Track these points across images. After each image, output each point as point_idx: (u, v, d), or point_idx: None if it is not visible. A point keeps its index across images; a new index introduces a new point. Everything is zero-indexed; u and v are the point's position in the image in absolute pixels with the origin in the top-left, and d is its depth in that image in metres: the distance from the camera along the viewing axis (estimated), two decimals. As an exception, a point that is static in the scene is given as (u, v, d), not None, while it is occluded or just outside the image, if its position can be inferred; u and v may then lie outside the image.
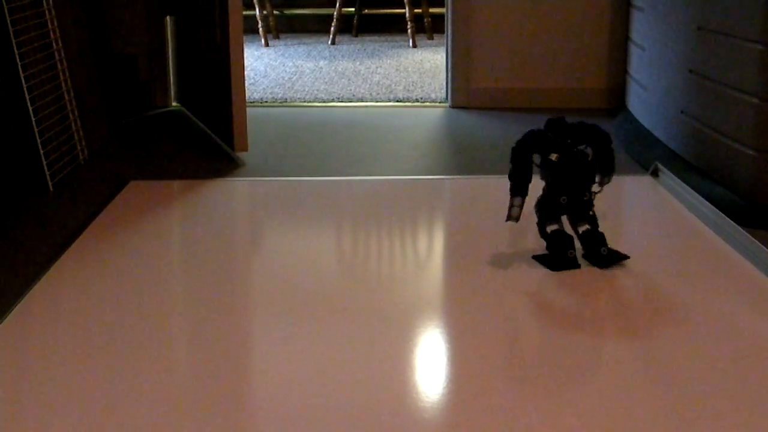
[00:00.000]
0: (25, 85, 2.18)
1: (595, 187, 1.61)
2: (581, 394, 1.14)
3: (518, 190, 1.57)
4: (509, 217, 1.57)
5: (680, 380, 1.18)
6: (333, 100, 3.30)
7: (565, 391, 1.15)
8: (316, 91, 3.44)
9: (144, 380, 1.18)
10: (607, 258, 1.61)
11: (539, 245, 1.69)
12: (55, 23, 2.38)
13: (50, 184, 2.19)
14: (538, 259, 1.62)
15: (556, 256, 1.60)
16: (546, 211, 1.60)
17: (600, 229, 1.62)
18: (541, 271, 1.57)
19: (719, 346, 1.28)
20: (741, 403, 1.12)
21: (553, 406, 1.12)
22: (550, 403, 1.12)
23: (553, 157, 1.56)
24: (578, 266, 1.59)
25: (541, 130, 1.59)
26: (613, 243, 1.77)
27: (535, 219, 1.62)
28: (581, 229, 1.62)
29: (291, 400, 1.14)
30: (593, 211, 1.61)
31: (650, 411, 1.11)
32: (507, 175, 1.59)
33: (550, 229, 1.61)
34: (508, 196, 1.58)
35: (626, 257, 1.63)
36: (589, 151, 1.60)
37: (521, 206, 1.58)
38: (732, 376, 1.19)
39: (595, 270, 1.59)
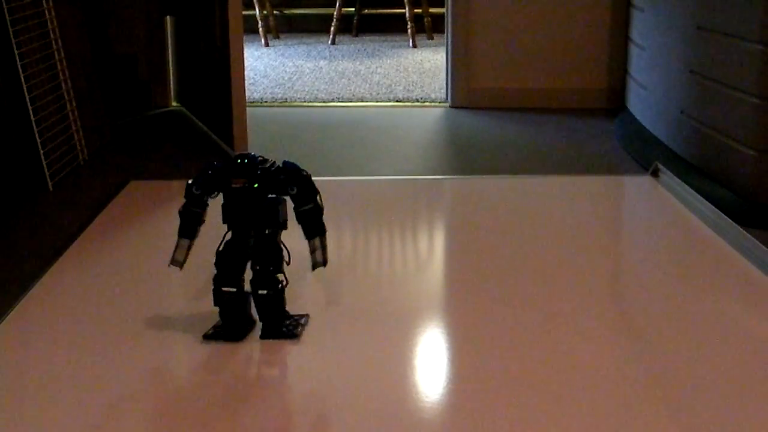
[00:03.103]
0: (25, 85, 2.18)
1: None
2: (581, 394, 1.14)
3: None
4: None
5: (680, 380, 1.18)
6: (333, 100, 3.30)
7: (565, 391, 1.15)
8: (316, 91, 3.43)
9: (144, 380, 1.18)
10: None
11: (543, 247, 1.68)
12: (55, 23, 2.38)
13: (50, 184, 2.19)
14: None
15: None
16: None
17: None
18: (540, 271, 1.57)
19: (719, 346, 1.28)
20: (741, 404, 1.12)
21: (553, 406, 1.12)
22: (550, 403, 1.12)
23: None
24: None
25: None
26: (613, 243, 1.78)
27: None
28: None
29: (290, 399, 1.14)
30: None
31: (650, 411, 1.11)
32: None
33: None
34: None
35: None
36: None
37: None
38: (732, 377, 1.19)
39: (586, 272, 1.59)
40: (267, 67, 4.04)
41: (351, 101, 3.29)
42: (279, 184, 1.25)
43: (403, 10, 4.68)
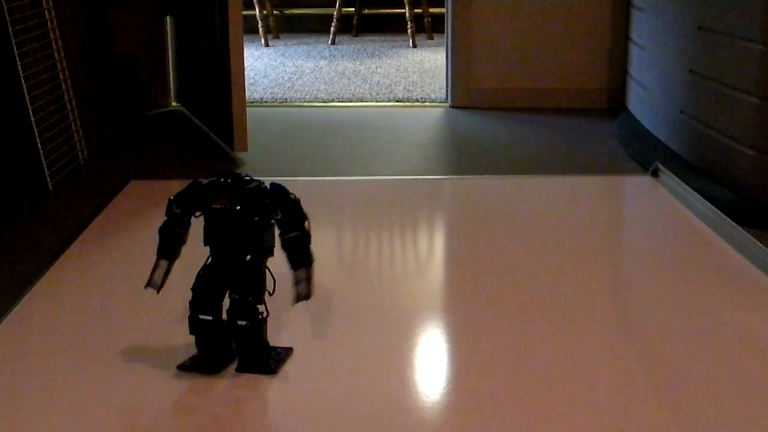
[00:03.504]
0: (25, 85, 2.18)
1: None
2: (581, 394, 1.14)
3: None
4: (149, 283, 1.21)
5: (679, 379, 1.18)
6: (333, 100, 3.30)
7: (565, 391, 1.15)
8: (316, 91, 3.44)
9: (144, 380, 1.18)
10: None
11: (543, 247, 1.68)
12: (55, 23, 2.38)
13: (50, 184, 2.19)
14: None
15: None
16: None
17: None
18: (540, 270, 1.57)
19: (719, 346, 1.28)
20: (741, 403, 1.12)
21: (553, 406, 1.12)
22: (550, 403, 1.12)
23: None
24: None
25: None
26: (613, 243, 1.78)
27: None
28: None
29: (290, 400, 1.14)
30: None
31: (650, 411, 1.11)
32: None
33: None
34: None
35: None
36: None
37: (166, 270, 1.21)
38: (732, 376, 1.19)
39: (586, 272, 1.59)
40: (267, 67, 4.04)
41: (351, 101, 3.29)
42: (263, 207, 1.15)
43: (403, 10, 4.68)
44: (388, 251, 1.70)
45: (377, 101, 3.28)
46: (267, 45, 4.73)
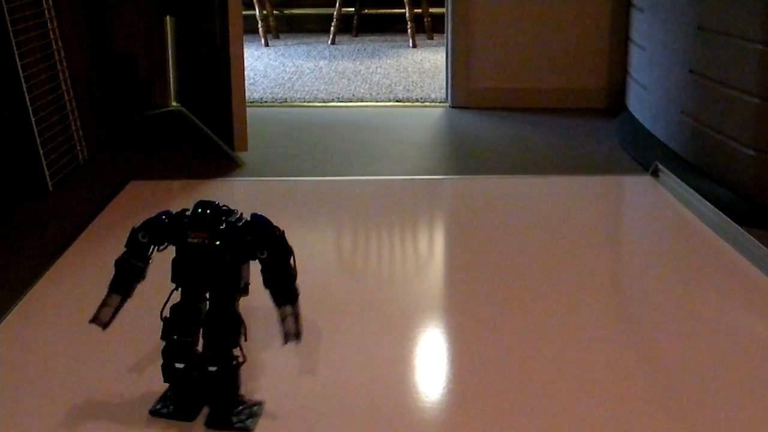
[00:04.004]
0: (24, 85, 2.17)
1: None
2: (581, 394, 1.14)
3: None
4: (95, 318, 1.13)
5: (680, 379, 1.18)
6: (333, 100, 3.30)
7: (565, 391, 1.15)
8: (316, 91, 3.43)
9: (144, 380, 1.18)
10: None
11: (543, 247, 1.68)
12: (55, 23, 2.38)
13: (50, 184, 2.19)
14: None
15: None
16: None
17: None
18: (540, 270, 1.57)
19: (719, 346, 1.28)
20: (740, 403, 1.12)
21: (553, 406, 1.12)
22: (550, 403, 1.12)
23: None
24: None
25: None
26: (613, 243, 1.78)
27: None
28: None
29: (291, 400, 1.14)
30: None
31: (650, 410, 1.11)
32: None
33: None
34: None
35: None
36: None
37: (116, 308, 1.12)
38: (731, 376, 1.19)
39: (586, 272, 1.59)
40: (267, 67, 4.04)
41: (351, 101, 3.29)
42: (246, 245, 1.06)
43: (403, 10, 4.68)
44: (387, 251, 1.70)
45: (377, 101, 3.28)
46: (267, 45, 4.73)
